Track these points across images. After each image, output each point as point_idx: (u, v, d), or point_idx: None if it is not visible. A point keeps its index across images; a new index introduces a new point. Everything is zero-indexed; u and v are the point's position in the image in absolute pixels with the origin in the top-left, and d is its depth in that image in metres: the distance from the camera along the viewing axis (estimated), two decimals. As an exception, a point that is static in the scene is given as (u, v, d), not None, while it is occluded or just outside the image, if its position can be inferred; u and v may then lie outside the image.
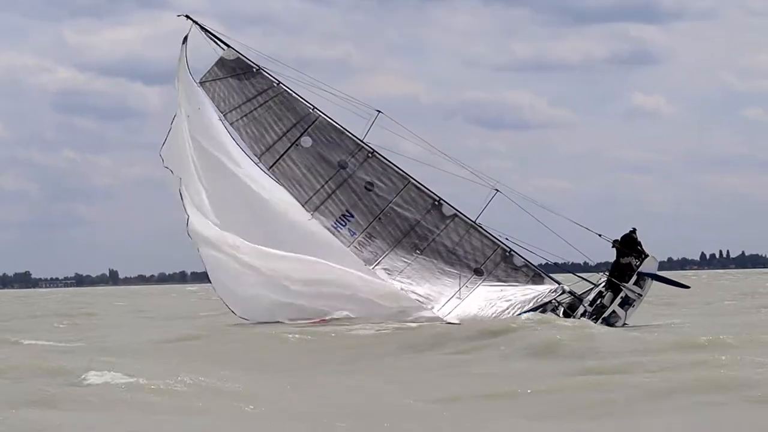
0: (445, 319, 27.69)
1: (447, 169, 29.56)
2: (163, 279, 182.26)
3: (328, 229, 28.82)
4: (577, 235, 28.56)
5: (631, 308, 27.89)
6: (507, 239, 29.52)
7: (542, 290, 28.92)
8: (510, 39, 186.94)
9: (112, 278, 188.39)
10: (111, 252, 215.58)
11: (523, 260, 29.42)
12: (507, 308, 27.99)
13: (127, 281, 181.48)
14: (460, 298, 28.40)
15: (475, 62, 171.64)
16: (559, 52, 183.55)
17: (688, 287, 31.27)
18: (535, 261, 29.06)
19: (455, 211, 29.67)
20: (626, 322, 27.65)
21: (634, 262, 28.13)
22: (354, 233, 28.96)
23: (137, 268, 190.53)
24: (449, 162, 29.55)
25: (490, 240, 29.49)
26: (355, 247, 28.77)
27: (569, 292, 29.28)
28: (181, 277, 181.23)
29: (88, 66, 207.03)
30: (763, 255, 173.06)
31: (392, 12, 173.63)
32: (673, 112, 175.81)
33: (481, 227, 29.56)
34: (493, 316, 27.70)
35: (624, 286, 27.85)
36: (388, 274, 28.60)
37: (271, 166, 29.16)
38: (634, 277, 27.95)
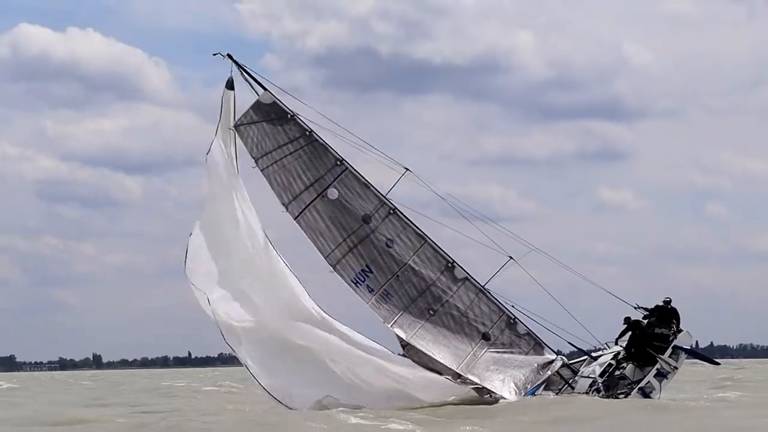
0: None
1: (468, 234, 30.27)
2: (145, 364, 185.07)
3: (349, 284, 29.36)
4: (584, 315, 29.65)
5: (665, 380, 28.92)
6: (513, 306, 30.49)
7: (543, 364, 30.00)
8: (480, 134, 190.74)
9: (96, 362, 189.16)
10: (94, 337, 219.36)
11: (526, 328, 30.44)
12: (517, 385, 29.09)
13: (111, 365, 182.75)
14: (476, 357, 29.34)
15: (449, 156, 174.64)
16: (528, 147, 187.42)
17: (719, 364, 32.57)
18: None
19: (466, 274, 30.41)
20: (660, 395, 28.62)
21: (669, 333, 29.19)
22: (372, 290, 29.52)
23: (120, 352, 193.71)
24: (469, 226, 30.25)
25: (497, 306, 30.40)
26: (374, 303, 29.40)
27: (566, 365, 30.41)
28: (164, 362, 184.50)
29: (70, 156, 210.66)
30: (731, 346, 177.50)
31: (367, 106, 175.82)
32: (639, 207, 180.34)
33: (488, 293, 30.39)
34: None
35: (660, 358, 28.83)
36: (404, 331, 29.34)
37: (297, 216, 29.45)
38: (669, 350, 28.98)
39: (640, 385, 28.56)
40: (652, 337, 29.26)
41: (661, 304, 29.97)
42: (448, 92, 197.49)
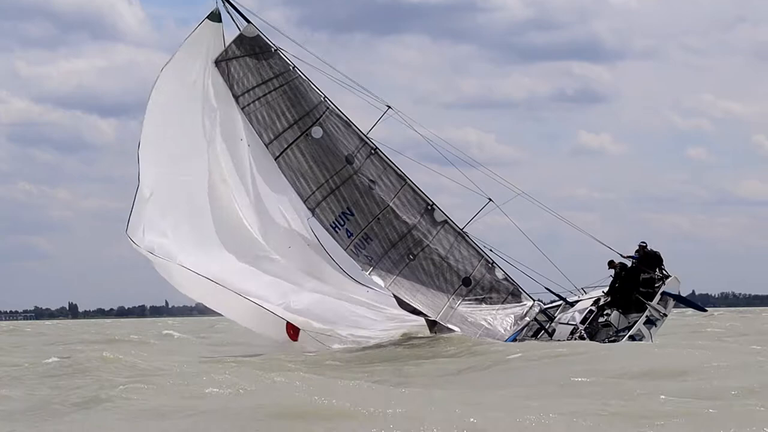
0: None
1: (449, 176, 29.96)
2: (122, 313, 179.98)
3: (327, 229, 28.87)
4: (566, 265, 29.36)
5: (654, 327, 28.63)
6: (491, 251, 30.29)
7: (521, 310, 29.86)
8: (457, 76, 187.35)
9: (72, 311, 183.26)
10: (70, 285, 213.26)
11: (503, 273, 30.23)
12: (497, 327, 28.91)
13: (87, 315, 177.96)
14: (453, 308, 29.10)
15: (424, 100, 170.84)
16: (505, 90, 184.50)
17: (706, 310, 32.54)
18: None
19: (446, 217, 30.08)
20: (652, 341, 28.00)
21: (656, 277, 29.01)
22: (351, 234, 29.01)
23: (97, 301, 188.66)
24: (450, 169, 29.93)
25: (475, 250, 30.15)
26: (352, 250, 28.91)
27: (542, 311, 30.28)
28: (140, 311, 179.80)
29: (43, 98, 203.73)
30: (713, 294, 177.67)
31: (343, 47, 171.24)
32: (619, 151, 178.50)
33: (467, 236, 30.13)
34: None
35: (649, 305, 28.52)
36: (382, 279, 28.95)
37: (277, 156, 28.79)
38: (658, 297, 28.74)
39: (630, 333, 28.27)
40: (639, 283, 29.07)
41: (638, 248, 29.79)
42: (425, 33, 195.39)
